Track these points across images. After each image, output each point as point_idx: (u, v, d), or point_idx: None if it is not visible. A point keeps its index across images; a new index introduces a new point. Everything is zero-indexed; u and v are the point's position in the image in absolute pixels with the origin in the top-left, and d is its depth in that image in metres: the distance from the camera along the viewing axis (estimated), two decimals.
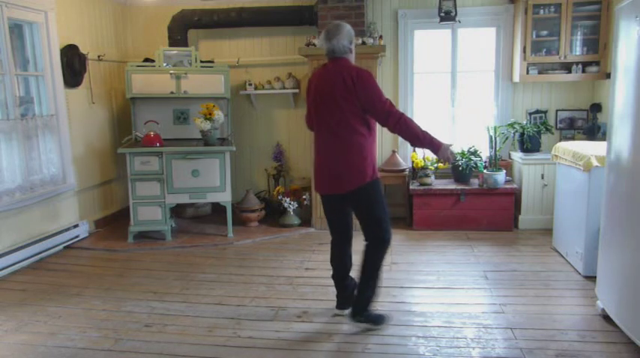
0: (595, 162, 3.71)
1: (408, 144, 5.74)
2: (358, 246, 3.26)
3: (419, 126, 3.04)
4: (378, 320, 3.21)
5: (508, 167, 5.56)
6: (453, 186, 5.37)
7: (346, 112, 3.00)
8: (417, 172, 5.52)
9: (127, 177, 5.03)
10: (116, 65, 5.93)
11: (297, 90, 5.93)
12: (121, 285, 4.01)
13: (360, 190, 3.07)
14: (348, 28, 3.11)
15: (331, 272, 3.42)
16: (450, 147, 3.09)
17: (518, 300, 3.58)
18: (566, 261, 4.29)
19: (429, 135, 3.04)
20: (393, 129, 3.02)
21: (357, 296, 3.23)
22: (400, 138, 5.75)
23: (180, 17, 5.77)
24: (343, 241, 3.34)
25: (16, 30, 4.66)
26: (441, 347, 2.97)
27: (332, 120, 3.05)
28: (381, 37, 5.41)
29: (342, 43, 3.06)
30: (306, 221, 5.61)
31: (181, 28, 5.80)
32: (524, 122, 5.53)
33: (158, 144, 5.07)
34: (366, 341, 3.05)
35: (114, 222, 5.76)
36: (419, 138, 3.03)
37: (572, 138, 5.48)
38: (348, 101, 2.98)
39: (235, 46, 6.11)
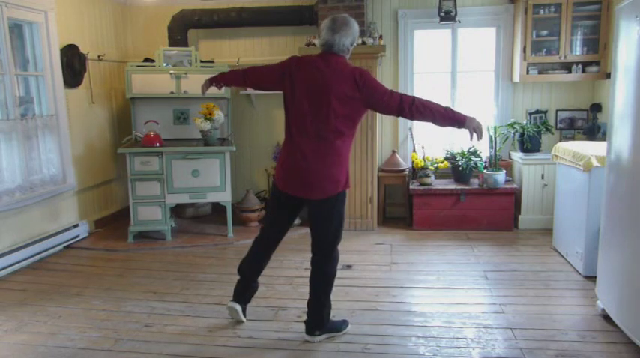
0: (595, 162, 3.71)
1: (408, 144, 5.82)
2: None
3: (437, 103, 2.82)
4: (341, 327, 3.13)
5: (508, 167, 5.56)
6: (453, 186, 5.37)
7: (338, 115, 2.79)
8: (417, 172, 5.52)
9: (127, 177, 5.03)
10: (116, 65, 5.93)
11: None
12: (121, 285, 4.01)
13: (328, 199, 2.91)
14: (355, 28, 2.94)
15: (239, 266, 3.27)
16: (477, 119, 2.81)
17: (518, 300, 3.58)
18: (566, 261, 4.29)
19: (451, 109, 2.83)
20: (411, 115, 2.80)
21: (314, 313, 3.04)
22: (401, 136, 5.82)
23: (180, 17, 5.77)
24: (276, 240, 3.20)
25: (16, 30, 4.66)
26: (441, 347, 2.97)
27: (318, 120, 2.80)
28: (381, 37, 5.41)
29: (344, 40, 2.86)
30: (306, 221, 5.58)
31: (181, 28, 5.80)
32: (524, 122, 5.53)
33: (158, 144, 5.07)
34: (366, 341, 3.05)
35: (114, 222, 5.76)
36: (442, 114, 2.79)
37: (572, 138, 5.48)
38: (348, 103, 2.79)
39: (235, 46, 6.10)
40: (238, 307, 3.26)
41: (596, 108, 5.37)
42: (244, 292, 3.30)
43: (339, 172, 2.90)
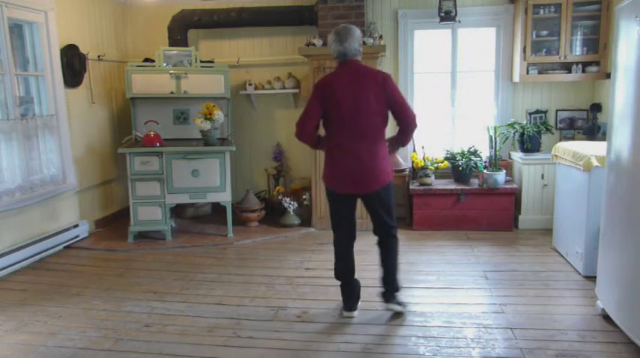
0: (595, 162, 3.71)
1: (408, 144, 5.79)
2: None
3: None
4: (404, 304, 3.40)
5: (508, 167, 5.56)
6: (453, 186, 5.37)
7: (376, 114, 3.13)
8: (417, 172, 5.52)
9: (127, 177, 5.03)
10: (116, 65, 5.93)
11: (297, 90, 5.93)
12: (121, 285, 4.01)
13: (382, 188, 3.23)
14: (358, 32, 3.22)
15: (336, 273, 3.43)
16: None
17: (518, 300, 3.58)
18: (566, 261, 4.29)
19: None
20: (412, 129, 3.22)
21: (393, 282, 3.39)
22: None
23: (180, 17, 5.77)
24: (350, 240, 3.40)
25: (16, 30, 4.66)
26: (441, 347, 2.97)
27: (362, 122, 3.13)
28: (381, 37, 5.41)
29: (353, 46, 3.16)
30: (306, 221, 5.61)
31: (181, 28, 5.80)
32: (524, 122, 5.53)
33: (158, 144, 5.07)
34: (366, 341, 3.05)
35: (114, 222, 5.76)
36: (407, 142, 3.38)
37: (572, 138, 5.48)
38: (378, 102, 3.11)
39: (235, 46, 6.11)
40: (355, 313, 3.40)
41: (596, 108, 5.37)
42: (352, 294, 3.42)
43: (386, 164, 3.26)
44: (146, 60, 5.85)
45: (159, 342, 3.07)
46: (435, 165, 5.51)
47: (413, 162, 5.60)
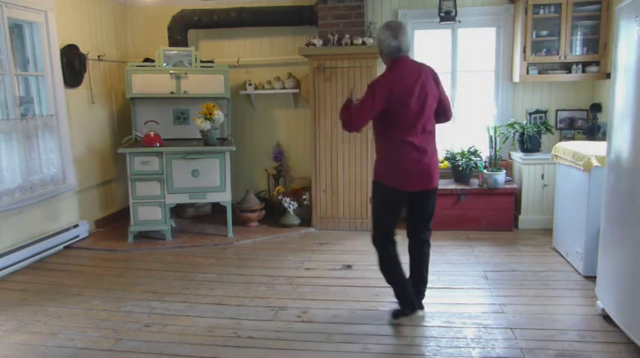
0: (595, 162, 3.71)
1: None
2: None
3: None
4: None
5: (508, 167, 5.56)
6: (453, 186, 5.37)
7: (433, 109, 3.14)
8: None
9: (127, 177, 5.03)
10: (116, 65, 5.93)
11: (297, 90, 5.93)
12: (121, 285, 4.01)
13: (437, 186, 3.23)
14: (406, 27, 3.19)
15: (386, 269, 3.27)
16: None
17: (518, 300, 3.58)
18: (566, 261, 4.29)
19: None
20: (444, 122, 3.32)
21: (423, 288, 3.34)
22: None
23: (180, 17, 5.77)
24: (393, 236, 3.29)
25: (16, 30, 4.66)
26: (441, 347, 2.97)
27: (424, 118, 3.09)
28: None
29: (407, 40, 3.12)
30: (306, 221, 5.61)
31: (181, 28, 5.80)
32: (524, 122, 5.53)
33: (158, 144, 5.07)
34: (366, 341, 3.05)
35: (114, 222, 5.76)
36: None
37: (572, 138, 5.48)
38: (434, 97, 3.13)
39: (235, 46, 6.11)
40: (421, 312, 3.25)
41: (596, 108, 5.37)
42: (408, 292, 3.25)
43: (438, 160, 3.27)
44: (146, 60, 5.85)
45: (159, 342, 3.07)
46: None
47: None
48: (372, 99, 3.04)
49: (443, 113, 3.25)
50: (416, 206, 3.25)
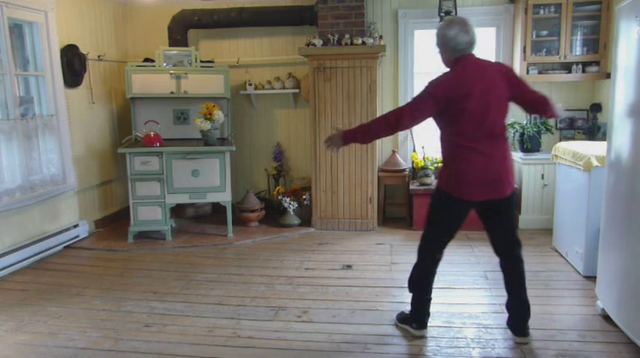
0: (595, 162, 3.71)
1: (408, 144, 5.81)
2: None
3: None
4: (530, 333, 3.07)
5: None
6: None
7: (503, 110, 2.88)
8: (417, 172, 5.52)
9: (127, 177, 5.03)
10: (116, 65, 5.93)
11: (297, 90, 5.93)
12: (121, 285, 4.01)
13: (513, 193, 2.95)
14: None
15: (416, 281, 3.16)
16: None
17: None
18: (566, 261, 4.29)
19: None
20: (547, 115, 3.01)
21: (525, 309, 3.04)
22: (401, 136, 5.82)
23: (181, 17, 5.77)
24: (442, 255, 3.12)
25: (16, 30, 4.66)
26: (441, 347, 2.97)
27: (497, 121, 2.84)
28: (381, 37, 5.41)
29: (476, 36, 2.90)
30: (306, 221, 5.61)
31: (181, 28, 5.80)
32: (524, 122, 5.53)
33: (158, 144, 5.07)
34: (366, 341, 3.05)
35: (114, 222, 5.76)
36: None
37: (572, 138, 5.48)
38: (505, 97, 2.86)
39: (235, 46, 6.11)
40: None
41: (596, 108, 5.37)
42: (427, 307, 3.15)
43: (512, 165, 3.02)
44: (146, 60, 5.85)
45: (159, 342, 3.07)
46: (435, 165, 5.51)
47: (413, 162, 5.60)
48: (423, 99, 2.85)
49: (533, 107, 2.96)
50: (490, 218, 3.00)
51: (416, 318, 3.13)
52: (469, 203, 2.91)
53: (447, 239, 3.06)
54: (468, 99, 2.77)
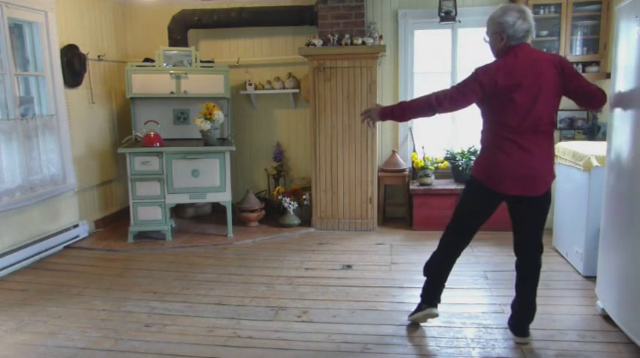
0: (595, 162, 3.71)
1: (408, 144, 5.81)
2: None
3: None
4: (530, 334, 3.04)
5: None
6: (453, 186, 5.37)
7: (551, 105, 2.78)
8: (417, 172, 5.52)
9: (127, 177, 5.03)
10: (116, 65, 5.93)
11: (297, 90, 5.93)
12: (121, 285, 4.01)
13: (549, 192, 2.86)
14: None
15: (432, 267, 3.17)
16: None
17: None
18: (566, 260, 4.29)
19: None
20: (598, 107, 2.91)
21: (528, 315, 2.98)
22: (401, 136, 5.82)
23: (181, 17, 5.77)
24: (466, 245, 3.11)
25: (16, 30, 4.66)
26: (441, 347, 2.97)
27: (543, 116, 2.73)
28: (381, 37, 5.41)
29: (534, 24, 2.85)
30: (306, 221, 5.61)
31: (181, 28, 5.80)
32: None
33: (158, 144, 5.06)
34: (366, 341, 3.05)
35: (114, 222, 5.76)
36: None
37: (572, 138, 5.47)
38: (555, 91, 2.77)
39: (235, 46, 6.11)
40: (436, 310, 3.18)
41: None
42: (441, 287, 3.17)
43: (553, 163, 2.93)
44: (146, 60, 5.85)
45: (159, 342, 3.07)
46: (435, 165, 5.51)
47: (413, 162, 5.60)
48: (468, 84, 2.78)
49: (587, 101, 2.83)
50: (518, 216, 2.92)
51: (426, 299, 3.15)
52: (501, 195, 2.85)
53: (474, 228, 3.01)
54: (516, 90, 2.69)
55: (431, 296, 3.20)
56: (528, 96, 2.70)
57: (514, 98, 2.70)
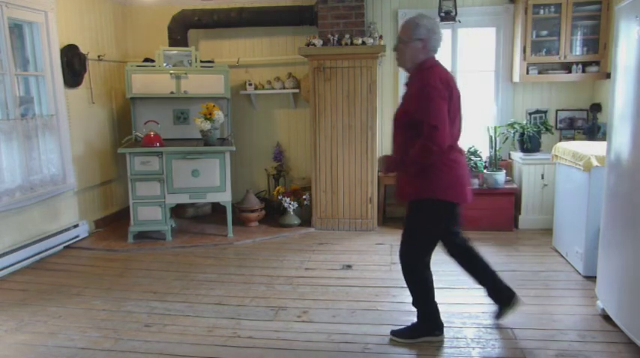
0: (595, 162, 3.71)
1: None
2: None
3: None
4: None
5: (508, 167, 5.56)
6: None
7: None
8: None
9: (127, 177, 5.03)
10: (116, 65, 5.93)
11: (297, 90, 5.93)
12: (121, 285, 4.01)
13: None
14: None
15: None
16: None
17: None
18: (566, 261, 4.29)
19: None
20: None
21: (493, 276, 3.19)
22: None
23: (181, 17, 5.77)
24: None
25: (16, 30, 4.66)
26: (441, 347, 2.97)
27: (459, 128, 2.87)
28: (381, 37, 5.41)
29: None
30: (306, 221, 5.61)
31: (181, 28, 5.80)
32: (524, 122, 5.53)
33: (158, 144, 5.06)
34: (366, 341, 3.05)
35: (114, 222, 5.76)
36: None
37: (572, 138, 5.48)
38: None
39: (235, 46, 6.11)
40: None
41: (596, 108, 5.37)
42: (438, 313, 3.10)
43: None
44: (146, 60, 5.85)
45: (159, 342, 3.07)
46: None
47: None
48: (435, 98, 2.62)
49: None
50: (458, 218, 3.08)
51: (435, 326, 3.05)
52: (459, 206, 2.96)
53: (432, 251, 3.06)
54: (451, 99, 2.73)
55: (437, 319, 3.07)
56: (458, 103, 2.79)
57: (458, 109, 2.81)
